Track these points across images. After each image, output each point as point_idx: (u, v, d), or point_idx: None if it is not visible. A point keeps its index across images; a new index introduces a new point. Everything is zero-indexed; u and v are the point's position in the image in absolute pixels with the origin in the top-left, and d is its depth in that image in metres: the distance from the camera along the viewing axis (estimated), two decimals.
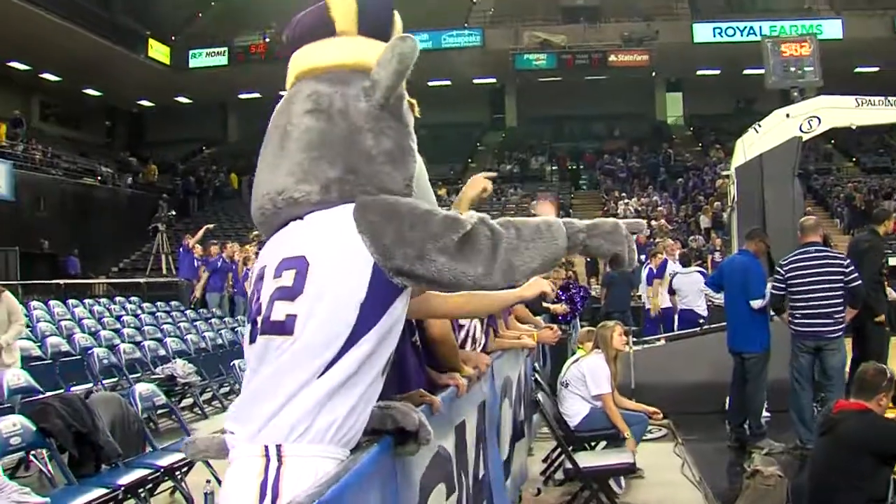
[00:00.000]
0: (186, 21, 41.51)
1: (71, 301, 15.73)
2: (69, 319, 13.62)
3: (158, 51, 38.97)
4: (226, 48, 38.99)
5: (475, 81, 42.87)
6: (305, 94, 2.44)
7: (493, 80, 43.41)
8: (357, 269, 2.21)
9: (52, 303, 14.55)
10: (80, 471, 6.12)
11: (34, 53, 33.85)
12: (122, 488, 5.92)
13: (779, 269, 8.61)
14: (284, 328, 2.22)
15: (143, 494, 6.21)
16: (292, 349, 2.20)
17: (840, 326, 8.28)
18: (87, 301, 16.50)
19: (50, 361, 10.41)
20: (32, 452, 6.19)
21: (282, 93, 2.56)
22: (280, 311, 2.24)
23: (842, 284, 8.20)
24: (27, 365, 9.51)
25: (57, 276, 25.49)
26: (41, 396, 6.95)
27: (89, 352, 10.59)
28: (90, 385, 10.22)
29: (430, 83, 41.59)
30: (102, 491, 5.75)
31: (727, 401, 9.46)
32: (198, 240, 19.78)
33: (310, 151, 2.37)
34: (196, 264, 19.25)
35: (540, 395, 6.90)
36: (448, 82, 41.88)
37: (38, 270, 26.31)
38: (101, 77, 37.72)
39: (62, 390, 9.67)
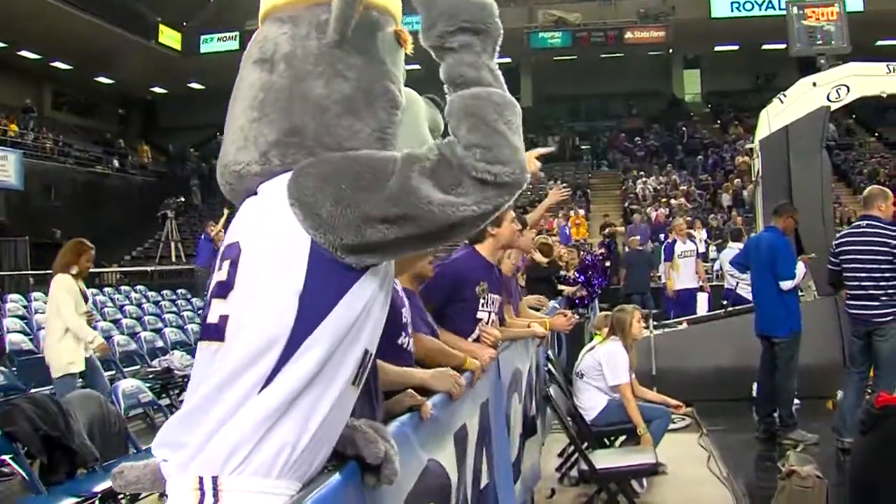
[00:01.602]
0: (197, 6, 41.07)
1: None
2: None
3: (169, 37, 38.56)
4: (237, 33, 38.38)
5: None
6: (256, 41, 1.99)
7: (508, 60, 42.67)
8: (290, 252, 1.74)
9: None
10: (52, 477, 5.65)
11: (44, 42, 33.53)
12: (98, 496, 5.38)
13: (833, 243, 8.01)
14: (218, 332, 1.77)
15: (122, 502, 5.72)
16: (226, 358, 1.73)
17: (890, 311, 7.40)
18: (90, 291, 16.11)
19: (42, 356, 9.98)
20: (10, 457, 5.69)
21: None
22: (215, 312, 1.80)
23: (892, 264, 7.38)
24: (18, 359, 9.08)
25: None
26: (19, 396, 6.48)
27: None
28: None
29: None
30: (73, 500, 5.25)
31: (754, 387, 8.92)
32: (221, 227, 18.93)
33: (251, 112, 1.90)
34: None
35: (552, 389, 6.38)
36: None
37: (50, 260, 26.02)
38: (113, 64, 37.36)
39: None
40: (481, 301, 4.86)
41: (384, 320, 1.91)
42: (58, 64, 36.70)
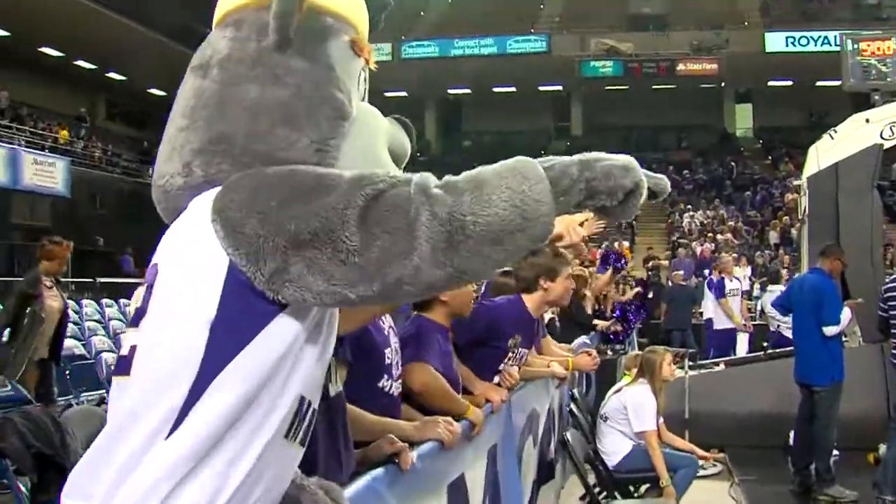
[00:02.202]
0: None
1: (105, 301, 15.30)
2: (95, 320, 13.13)
3: None
4: None
5: (540, 88, 42.12)
6: (199, 49, 1.79)
7: (559, 88, 42.67)
8: (206, 273, 1.50)
9: (84, 302, 14.09)
10: (42, 497, 5.41)
11: (100, 53, 33.99)
12: None
13: (882, 288, 7.66)
14: (126, 365, 1.52)
15: None
16: (130, 395, 1.49)
17: None
18: (122, 301, 16.04)
19: (61, 365, 9.86)
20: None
21: None
22: (127, 343, 1.57)
23: None
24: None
25: (112, 274, 25.36)
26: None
27: (100, 356, 10.02)
28: (102, 392, 9.68)
29: (495, 89, 41.14)
30: None
31: (791, 435, 8.51)
32: None
33: (180, 120, 1.68)
34: None
35: (569, 434, 6.04)
36: (513, 89, 41.38)
37: (92, 268, 26.22)
38: (166, 78, 37.57)
39: (71, 397, 9.19)
40: (510, 354, 4.58)
41: (325, 367, 1.67)
42: (113, 74, 37.14)
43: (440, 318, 3.79)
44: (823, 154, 10.30)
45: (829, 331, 7.82)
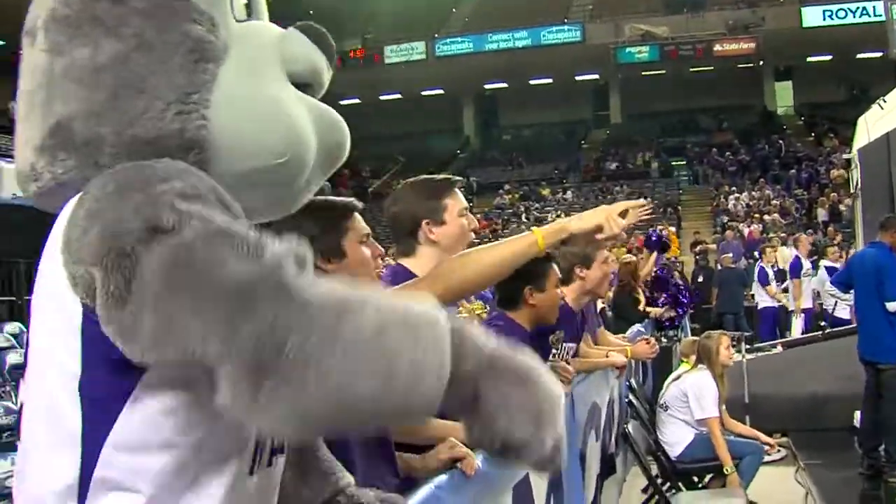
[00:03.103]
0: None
1: None
2: None
3: None
4: None
5: (577, 78, 41.76)
6: None
7: (596, 77, 42.28)
8: (62, 318, 1.18)
9: None
10: None
11: None
12: None
13: None
14: (18, 427, 1.29)
15: None
16: (27, 468, 1.24)
17: None
18: None
19: None
20: None
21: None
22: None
23: None
24: None
25: None
26: None
27: None
28: None
29: (532, 82, 40.86)
30: None
31: (857, 416, 8.26)
32: None
33: (21, 106, 1.38)
34: None
35: (630, 427, 5.89)
36: (549, 80, 41.04)
37: None
38: None
39: None
40: (553, 351, 4.41)
41: None
42: None
43: (524, 320, 3.67)
44: (873, 125, 10.06)
45: (893, 306, 7.55)
